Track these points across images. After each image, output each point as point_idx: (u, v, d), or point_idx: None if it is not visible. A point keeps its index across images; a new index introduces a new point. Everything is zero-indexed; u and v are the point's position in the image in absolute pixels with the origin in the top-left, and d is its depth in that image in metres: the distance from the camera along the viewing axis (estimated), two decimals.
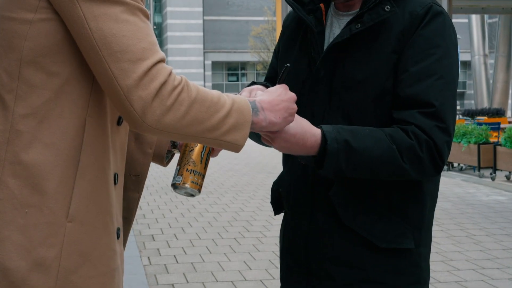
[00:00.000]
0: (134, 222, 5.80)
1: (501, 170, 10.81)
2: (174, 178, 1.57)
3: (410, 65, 1.57)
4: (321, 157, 1.49)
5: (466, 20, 22.02)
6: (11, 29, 1.32)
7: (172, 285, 4.58)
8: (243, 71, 55.07)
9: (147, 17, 1.37)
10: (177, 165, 1.59)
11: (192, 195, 1.61)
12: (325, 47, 1.68)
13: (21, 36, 1.30)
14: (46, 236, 1.31)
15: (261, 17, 49.31)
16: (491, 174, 11.03)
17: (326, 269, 1.67)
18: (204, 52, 52.22)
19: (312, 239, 1.69)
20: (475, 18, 19.69)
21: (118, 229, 1.50)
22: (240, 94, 1.60)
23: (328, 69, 1.66)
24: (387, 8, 1.57)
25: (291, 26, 1.86)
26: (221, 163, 12.05)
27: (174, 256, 5.45)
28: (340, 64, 1.65)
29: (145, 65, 1.24)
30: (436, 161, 1.53)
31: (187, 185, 1.54)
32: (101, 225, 1.41)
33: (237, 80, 56.20)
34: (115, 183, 1.49)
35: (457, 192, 9.35)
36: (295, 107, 1.46)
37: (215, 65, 54.66)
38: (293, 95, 1.46)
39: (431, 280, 4.86)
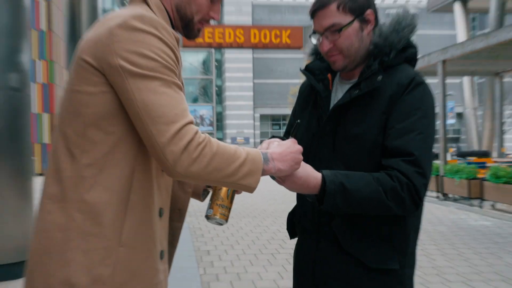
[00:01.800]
0: (195, 239, 5.79)
1: (487, 200, 10.65)
2: (207, 210, 1.57)
3: (395, 123, 1.57)
4: (321, 196, 1.51)
5: (459, 80, 21.65)
6: (78, 99, 1.36)
7: None
8: (284, 122, 55.25)
9: (180, 88, 1.38)
10: (209, 201, 1.60)
11: (221, 224, 1.59)
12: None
13: (85, 104, 1.34)
14: (103, 258, 1.34)
15: (297, 80, 49.67)
16: (479, 203, 10.86)
17: (329, 285, 1.66)
18: (254, 107, 52.66)
19: (318, 261, 1.69)
20: (466, 79, 19.48)
21: (162, 251, 1.50)
22: (261, 144, 1.62)
23: (332, 125, 1.67)
24: (379, 78, 1.59)
25: (305, 91, 1.87)
26: (264, 194, 12.01)
27: (224, 267, 5.46)
28: (341, 122, 1.66)
29: (176, 127, 1.27)
30: (415, 200, 1.52)
31: (217, 216, 1.55)
32: (146, 249, 1.42)
33: (279, 128, 56.36)
34: (160, 216, 1.49)
35: (451, 218, 9.21)
36: (301, 157, 1.47)
37: (262, 117, 55.07)
38: (299, 148, 1.48)
39: (427, 280, 4.78)
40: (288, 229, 1.89)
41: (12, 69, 5.27)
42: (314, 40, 1.74)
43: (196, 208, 10.77)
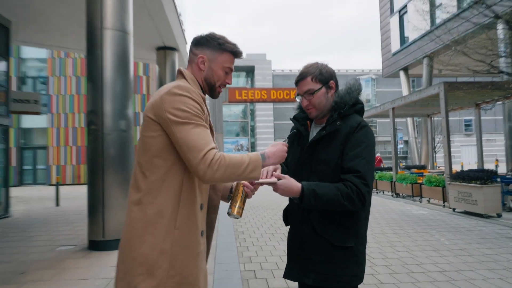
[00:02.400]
0: (238, 239, 5.38)
1: (424, 197, 10.29)
2: (228, 209, 1.57)
3: (349, 151, 1.60)
4: (301, 198, 1.54)
5: (405, 120, 21.28)
6: (146, 141, 1.44)
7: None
8: None
9: (206, 127, 1.42)
10: (229, 202, 1.61)
11: (237, 218, 1.58)
12: None
13: (150, 143, 1.42)
14: (164, 238, 1.40)
15: None
16: (419, 199, 10.51)
17: (309, 257, 1.65)
18: (274, 139, 52.54)
19: (302, 242, 1.69)
20: (409, 119, 19.13)
21: (202, 231, 1.51)
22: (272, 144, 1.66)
23: (309, 154, 1.70)
24: (338, 123, 1.65)
25: (293, 133, 1.85)
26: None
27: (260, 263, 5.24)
28: (315, 151, 1.68)
29: (204, 152, 1.34)
30: (362, 200, 1.55)
31: (234, 213, 1.55)
32: (192, 230, 1.45)
33: None
34: (201, 209, 1.50)
35: (401, 209, 8.91)
36: (285, 154, 1.55)
37: None
38: (285, 148, 1.55)
39: (384, 255, 4.63)
40: (283, 220, 1.87)
41: (122, 118, 5.42)
42: (298, 99, 1.78)
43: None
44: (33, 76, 22.59)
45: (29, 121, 21.68)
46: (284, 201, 11.94)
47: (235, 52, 1.59)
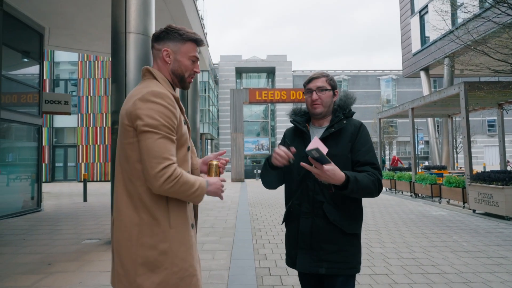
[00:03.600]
0: (255, 237, 5.28)
1: (444, 198, 9.99)
2: None
3: (361, 147, 1.75)
4: (345, 184, 1.60)
5: (426, 120, 20.73)
6: (125, 148, 1.41)
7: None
8: None
9: (172, 140, 1.39)
10: None
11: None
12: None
13: (131, 149, 1.40)
14: (163, 238, 1.41)
15: None
16: (438, 200, 10.22)
17: (322, 247, 1.70)
18: None
19: (314, 232, 1.72)
20: (430, 119, 18.62)
21: (192, 224, 1.53)
22: (276, 148, 1.74)
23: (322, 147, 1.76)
24: (344, 122, 1.80)
25: (290, 134, 1.95)
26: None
27: (275, 260, 5.23)
28: (325, 146, 1.73)
29: (164, 165, 1.33)
30: (380, 187, 1.71)
31: None
32: (184, 226, 1.46)
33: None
34: (188, 203, 1.51)
35: (419, 209, 8.68)
36: (220, 191, 1.54)
37: None
38: (221, 183, 1.55)
39: (400, 255, 4.54)
40: (285, 217, 1.89)
41: None
42: (307, 97, 1.85)
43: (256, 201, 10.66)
44: (65, 78, 23.35)
45: (60, 121, 22.44)
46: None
47: (197, 40, 1.55)
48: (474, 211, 8.17)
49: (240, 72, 54.89)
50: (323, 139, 1.75)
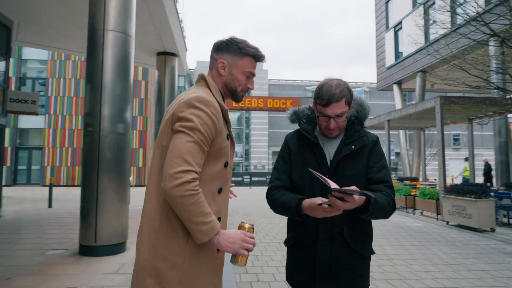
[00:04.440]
0: None
1: (418, 209, 10.16)
2: (232, 258, 1.34)
3: (375, 163, 1.57)
4: (366, 206, 1.40)
5: (397, 132, 21.41)
6: (164, 150, 1.35)
7: None
8: None
9: (203, 150, 1.30)
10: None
11: (242, 267, 1.41)
12: (327, 157, 1.58)
13: (166, 151, 1.34)
14: (177, 252, 1.32)
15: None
16: (412, 211, 10.37)
17: (341, 275, 1.52)
18: (268, 147, 52.39)
19: (333, 258, 1.52)
20: (401, 131, 19.19)
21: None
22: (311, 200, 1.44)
23: (333, 168, 1.56)
24: (365, 138, 1.60)
25: (295, 142, 1.65)
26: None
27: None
28: (340, 165, 1.56)
29: (186, 168, 1.23)
30: (394, 207, 1.55)
31: (238, 262, 1.33)
32: (206, 243, 1.33)
33: None
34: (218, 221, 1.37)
35: (395, 221, 8.75)
36: (244, 245, 1.30)
37: (274, 153, 54.66)
38: (244, 238, 1.30)
39: (383, 268, 4.45)
40: (293, 241, 1.63)
41: (120, 121, 5.21)
42: (323, 120, 1.56)
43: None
44: (33, 77, 22.25)
45: (26, 122, 21.29)
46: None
47: (256, 56, 1.50)
48: (447, 222, 8.31)
49: None
50: (342, 157, 1.54)
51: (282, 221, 8.41)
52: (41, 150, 21.17)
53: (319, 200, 1.38)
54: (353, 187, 1.31)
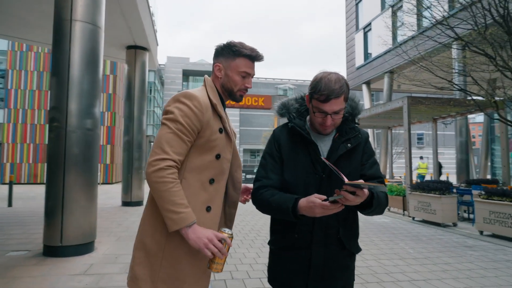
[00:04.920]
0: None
1: None
2: (207, 263, 1.41)
3: (367, 159, 1.56)
4: (370, 200, 1.39)
5: (366, 131, 21.98)
6: None
7: None
8: (258, 154, 54.75)
9: (184, 141, 1.40)
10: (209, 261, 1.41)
11: (217, 272, 1.41)
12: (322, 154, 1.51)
13: None
14: (167, 236, 1.46)
15: (266, 128, 49.84)
16: None
17: (334, 275, 1.49)
18: (240, 144, 52.31)
19: (328, 259, 1.47)
20: (370, 130, 19.71)
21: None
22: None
23: (333, 165, 1.46)
24: (360, 136, 1.56)
25: (286, 137, 1.55)
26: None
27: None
28: (337, 164, 1.45)
29: (161, 156, 1.35)
30: (387, 203, 1.59)
31: (212, 270, 1.38)
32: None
33: (255, 158, 55.63)
34: (207, 211, 1.47)
35: (364, 217, 8.90)
36: (209, 245, 1.33)
37: (245, 150, 54.59)
38: (211, 238, 1.35)
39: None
40: (283, 244, 1.55)
41: (88, 117, 5.00)
42: (319, 116, 1.46)
43: None
44: None
45: None
46: (248, 206, 11.44)
47: (250, 56, 1.56)
48: (413, 218, 8.65)
49: (187, 74, 53.84)
50: (339, 156, 1.48)
51: (254, 218, 8.42)
52: (0, 146, 20.02)
53: (315, 197, 1.31)
54: (361, 181, 1.28)
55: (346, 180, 1.25)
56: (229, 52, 1.55)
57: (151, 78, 37.83)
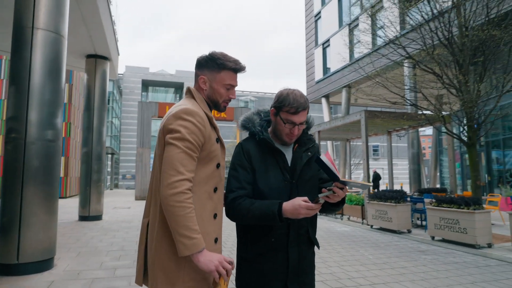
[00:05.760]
0: None
1: (345, 215, 10.89)
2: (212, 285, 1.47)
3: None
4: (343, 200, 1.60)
5: (326, 143, 22.60)
6: (159, 159, 1.50)
7: None
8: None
9: (194, 158, 1.44)
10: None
11: None
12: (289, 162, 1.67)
13: (160, 161, 1.49)
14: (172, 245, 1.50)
15: (229, 140, 49.87)
16: (341, 217, 11.07)
17: (306, 271, 1.65)
18: None
19: (301, 257, 1.61)
20: (329, 142, 20.37)
21: (216, 238, 1.54)
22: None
23: (297, 174, 1.65)
24: (315, 145, 1.74)
25: (255, 150, 1.66)
26: None
27: None
28: (302, 170, 1.66)
29: (178, 177, 1.37)
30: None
31: None
32: (205, 238, 1.46)
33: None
34: (214, 218, 1.53)
35: (326, 226, 9.32)
36: (219, 268, 1.39)
37: None
38: (221, 261, 1.41)
39: (318, 271, 4.72)
40: (259, 249, 1.64)
41: (50, 128, 4.85)
42: (288, 127, 1.62)
43: None
44: None
45: None
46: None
47: (235, 69, 1.60)
48: (371, 226, 9.09)
49: (146, 85, 52.82)
50: (304, 164, 1.66)
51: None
52: None
53: (300, 200, 1.45)
54: (349, 179, 1.49)
55: (340, 177, 1.43)
56: (214, 65, 1.57)
57: (109, 88, 36.72)
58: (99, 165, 9.99)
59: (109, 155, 40.39)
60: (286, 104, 1.60)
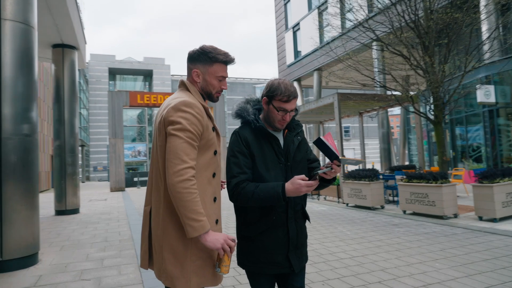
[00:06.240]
0: None
1: (322, 195, 11.24)
2: (217, 268, 1.59)
3: (307, 148, 1.92)
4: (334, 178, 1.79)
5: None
6: (159, 149, 1.61)
7: None
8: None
9: (194, 147, 1.54)
10: (217, 263, 1.60)
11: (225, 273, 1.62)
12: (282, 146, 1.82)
13: (162, 151, 1.60)
14: (180, 228, 1.62)
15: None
16: (317, 197, 11.41)
17: (303, 243, 1.86)
18: None
19: (299, 230, 1.81)
20: (304, 125, 20.74)
21: (217, 220, 1.68)
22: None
23: (290, 157, 1.80)
24: (303, 130, 1.93)
25: (252, 138, 1.78)
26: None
27: None
28: (294, 153, 1.83)
29: (183, 165, 1.48)
30: None
31: (223, 272, 1.57)
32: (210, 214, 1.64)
33: None
34: (214, 201, 1.66)
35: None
36: (225, 246, 1.52)
37: None
38: (226, 239, 1.53)
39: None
40: (262, 226, 1.78)
41: (25, 122, 4.75)
42: (280, 114, 1.75)
43: None
44: None
45: None
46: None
47: (225, 61, 1.71)
48: (347, 204, 9.50)
49: (114, 73, 51.09)
50: (296, 147, 1.82)
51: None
52: None
53: (299, 179, 1.60)
54: (347, 156, 1.68)
55: (339, 155, 1.62)
56: (206, 58, 1.67)
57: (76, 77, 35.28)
58: (73, 158, 9.78)
59: (80, 147, 39.22)
60: (279, 93, 1.73)
